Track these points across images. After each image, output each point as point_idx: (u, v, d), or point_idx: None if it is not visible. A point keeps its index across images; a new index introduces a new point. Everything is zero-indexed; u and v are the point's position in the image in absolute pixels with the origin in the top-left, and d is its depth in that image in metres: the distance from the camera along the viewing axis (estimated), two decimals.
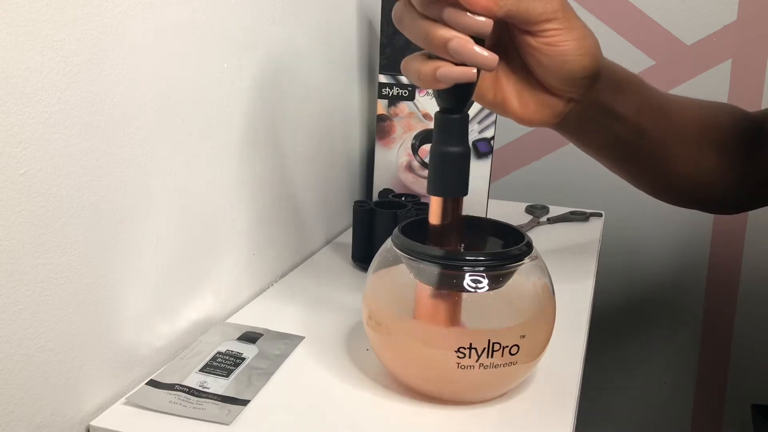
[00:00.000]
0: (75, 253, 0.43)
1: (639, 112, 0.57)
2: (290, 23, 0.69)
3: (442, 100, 0.46)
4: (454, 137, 0.46)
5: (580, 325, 0.62)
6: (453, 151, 0.46)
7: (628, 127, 0.57)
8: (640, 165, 0.63)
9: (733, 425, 1.21)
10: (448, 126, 0.46)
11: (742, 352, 1.18)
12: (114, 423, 0.46)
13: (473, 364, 0.46)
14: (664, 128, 0.60)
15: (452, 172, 0.47)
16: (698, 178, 0.63)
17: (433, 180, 0.47)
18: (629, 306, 1.21)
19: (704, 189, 0.64)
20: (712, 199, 0.67)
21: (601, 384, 1.23)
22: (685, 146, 0.61)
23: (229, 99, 0.59)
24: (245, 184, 0.64)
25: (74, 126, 0.42)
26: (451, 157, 0.46)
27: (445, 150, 0.46)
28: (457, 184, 0.47)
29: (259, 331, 0.58)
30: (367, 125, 0.96)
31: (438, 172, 0.47)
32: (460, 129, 0.46)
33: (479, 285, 0.47)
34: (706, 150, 0.62)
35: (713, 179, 0.63)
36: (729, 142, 0.63)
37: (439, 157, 0.47)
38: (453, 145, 0.46)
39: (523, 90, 0.52)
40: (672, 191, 0.66)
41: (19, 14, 0.37)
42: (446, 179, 0.47)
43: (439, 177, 0.47)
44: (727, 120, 0.64)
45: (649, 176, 0.64)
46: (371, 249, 0.72)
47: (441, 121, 0.46)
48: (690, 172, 0.63)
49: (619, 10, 1.10)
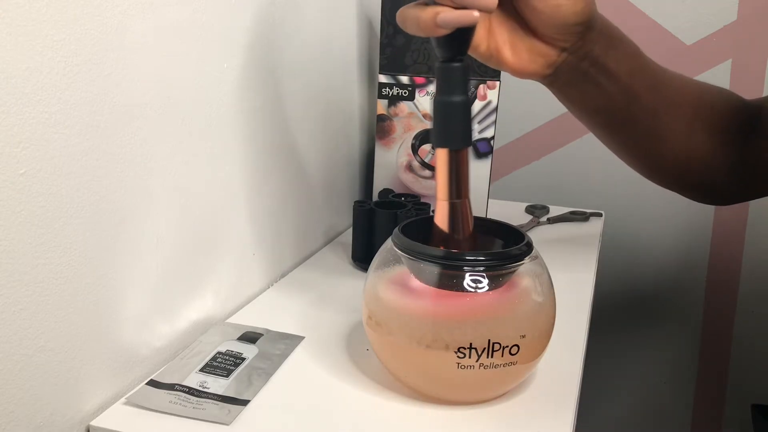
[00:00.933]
0: (75, 253, 0.43)
1: (632, 74, 0.57)
2: (290, 23, 0.69)
3: (441, 48, 0.46)
4: (457, 86, 0.46)
5: (580, 325, 0.62)
6: (456, 101, 0.46)
7: (620, 87, 0.57)
8: (631, 135, 0.62)
9: (733, 425, 1.21)
10: (450, 75, 0.46)
11: (742, 352, 1.18)
12: (114, 423, 0.46)
13: (473, 364, 0.46)
14: (656, 98, 0.60)
15: (456, 122, 0.47)
16: (690, 160, 0.63)
17: (437, 132, 0.47)
18: (629, 306, 1.21)
19: (696, 172, 0.64)
20: (705, 185, 0.66)
21: (601, 384, 1.23)
22: (678, 122, 0.61)
23: (229, 99, 0.59)
24: (245, 184, 0.64)
25: (74, 126, 0.42)
26: (454, 107, 0.46)
27: (448, 100, 0.46)
28: (461, 134, 0.47)
29: (259, 331, 0.58)
30: (367, 125, 0.96)
31: (442, 123, 0.47)
32: (461, 77, 0.46)
33: (479, 285, 0.47)
34: (699, 130, 0.62)
35: (705, 163, 0.63)
36: (723, 125, 0.63)
37: (443, 107, 0.47)
38: (456, 95, 0.46)
39: (516, 39, 0.53)
40: (664, 171, 0.66)
41: (19, 14, 0.37)
42: (450, 130, 0.47)
43: (443, 128, 0.47)
44: (723, 103, 0.64)
45: (641, 150, 0.64)
46: (371, 249, 0.72)
47: (442, 71, 0.46)
48: (682, 151, 0.62)
49: (619, 10, 1.10)
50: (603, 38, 0.54)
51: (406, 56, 0.85)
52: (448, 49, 0.46)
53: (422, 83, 0.85)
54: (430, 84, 0.85)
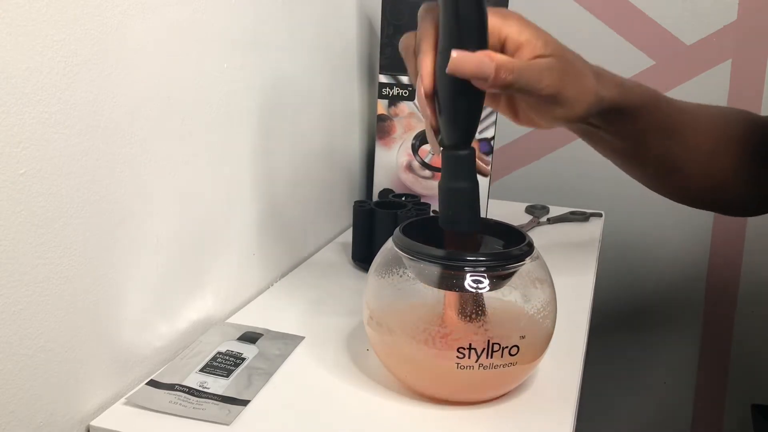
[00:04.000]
0: (75, 253, 0.43)
1: (645, 132, 0.57)
2: (290, 23, 0.69)
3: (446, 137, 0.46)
4: (463, 173, 0.46)
5: (580, 326, 0.62)
6: (462, 188, 0.46)
7: (628, 142, 0.58)
8: (645, 170, 0.63)
9: (733, 425, 1.21)
10: (456, 163, 0.46)
11: (742, 352, 1.18)
12: (114, 423, 0.46)
13: (473, 365, 0.46)
14: (671, 143, 0.60)
15: (462, 207, 0.47)
16: (709, 183, 0.63)
17: (444, 216, 0.47)
18: (629, 306, 1.21)
19: (716, 192, 0.65)
20: (726, 203, 0.67)
21: (601, 384, 1.23)
22: (695, 156, 0.62)
23: (229, 99, 0.59)
24: (245, 184, 0.64)
25: (74, 126, 0.42)
26: (461, 194, 0.46)
27: (455, 186, 0.46)
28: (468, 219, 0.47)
29: (259, 331, 0.58)
30: (367, 125, 0.96)
31: (448, 208, 0.47)
32: (468, 165, 0.46)
33: (480, 285, 0.47)
34: (717, 158, 0.62)
35: (725, 184, 0.64)
36: (742, 150, 0.63)
37: (449, 193, 0.47)
38: (462, 181, 0.46)
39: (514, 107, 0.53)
40: (683, 194, 0.67)
41: (19, 14, 0.37)
42: (457, 215, 0.47)
43: (450, 213, 0.47)
44: (740, 128, 0.64)
45: (658, 181, 0.65)
46: (371, 249, 0.72)
47: (448, 159, 0.46)
48: (699, 177, 0.63)
49: (619, 10, 1.10)
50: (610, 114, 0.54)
51: None
52: (455, 136, 0.46)
53: None
54: None
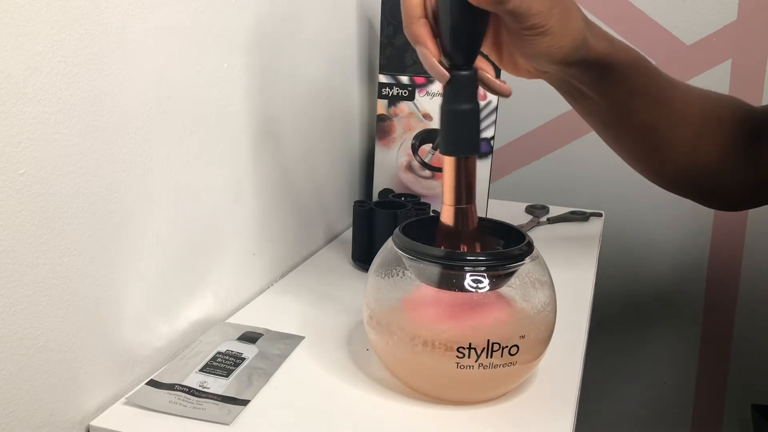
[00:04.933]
0: (75, 253, 0.43)
1: (632, 95, 0.57)
2: (290, 23, 0.69)
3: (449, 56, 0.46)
4: (465, 94, 0.46)
5: (580, 325, 0.62)
6: (464, 109, 0.46)
7: (612, 106, 0.57)
8: (629, 142, 0.62)
9: (733, 425, 1.21)
10: (458, 83, 0.46)
11: (742, 352, 1.18)
12: (114, 423, 0.46)
13: (472, 364, 0.46)
14: (656, 115, 0.59)
15: (464, 130, 0.47)
16: (694, 166, 0.63)
17: (444, 139, 0.47)
18: (629, 306, 1.21)
19: (700, 179, 0.64)
20: (709, 191, 0.66)
21: (601, 384, 1.23)
22: (680, 135, 0.61)
23: (229, 99, 0.59)
24: (245, 184, 0.64)
25: (74, 126, 0.42)
26: (463, 115, 0.46)
27: (457, 108, 0.46)
28: (469, 141, 0.47)
29: (259, 331, 0.58)
30: (367, 125, 0.96)
31: (450, 131, 0.47)
32: (470, 85, 0.46)
33: (480, 285, 0.47)
34: (704, 142, 0.62)
35: (710, 171, 0.63)
36: (730, 135, 0.62)
37: (451, 115, 0.47)
38: (464, 103, 0.46)
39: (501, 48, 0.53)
40: (663, 174, 0.65)
41: (19, 14, 0.37)
42: (458, 138, 0.47)
43: (451, 136, 0.47)
44: (730, 114, 0.63)
45: (641, 156, 0.64)
46: (371, 249, 0.72)
47: (450, 79, 0.46)
48: (686, 157, 0.62)
49: (619, 10, 1.10)
50: (590, 72, 0.54)
51: (406, 56, 0.84)
52: (456, 56, 0.46)
53: (422, 83, 0.85)
54: (430, 84, 0.85)
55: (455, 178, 0.48)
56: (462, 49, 0.46)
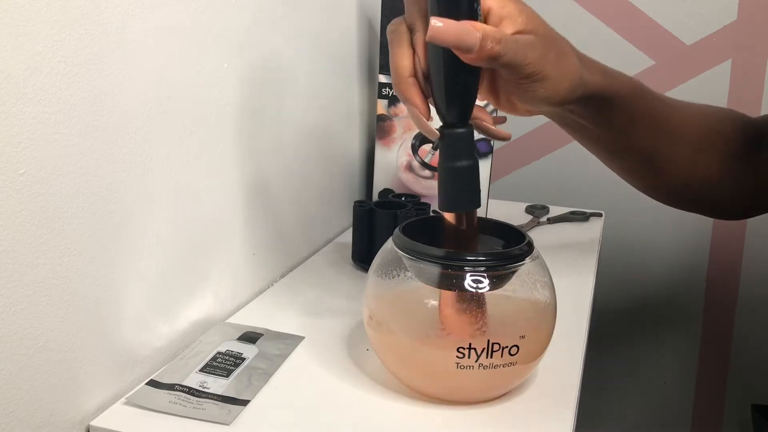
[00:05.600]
0: (75, 253, 0.43)
1: (630, 122, 0.57)
2: (290, 23, 0.69)
3: (444, 115, 0.46)
4: (463, 151, 0.46)
5: (580, 325, 0.62)
6: (462, 166, 0.46)
7: (611, 134, 0.58)
8: (627, 163, 0.63)
9: (733, 425, 1.21)
10: (455, 141, 0.46)
11: (742, 352, 1.18)
12: (114, 423, 0.46)
13: (472, 365, 0.46)
14: (655, 136, 0.59)
15: (462, 186, 0.46)
16: (694, 181, 0.63)
17: (444, 197, 0.47)
18: (629, 306, 1.21)
19: (701, 192, 0.64)
20: (711, 203, 0.66)
21: (601, 384, 1.23)
22: (679, 153, 0.61)
23: (229, 99, 0.59)
24: (245, 184, 0.64)
25: (74, 126, 0.42)
26: (461, 172, 0.46)
27: (454, 166, 0.46)
28: (468, 197, 0.47)
29: (259, 331, 0.58)
30: (367, 125, 0.96)
31: (449, 188, 0.47)
32: (467, 143, 0.46)
33: (480, 285, 0.47)
34: (704, 156, 0.62)
35: (711, 184, 0.63)
36: (728, 149, 0.63)
37: (449, 173, 0.46)
38: (462, 160, 0.46)
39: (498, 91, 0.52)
40: (666, 191, 0.66)
41: (19, 14, 0.37)
42: (457, 194, 0.47)
43: (449, 193, 0.47)
44: (728, 127, 0.64)
45: (640, 174, 0.64)
46: (371, 249, 0.72)
47: (447, 137, 0.46)
48: (685, 175, 0.62)
49: (619, 10, 1.10)
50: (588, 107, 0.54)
51: None
52: (450, 115, 0.46)
53: None
54: None
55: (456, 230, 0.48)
56: (456, 107, 0.45)
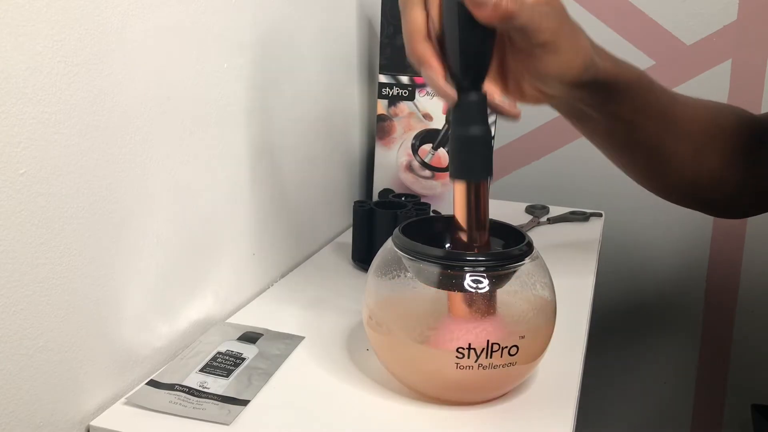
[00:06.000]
0: (75, 253, 0.43)
1: (634, 112, 0.57)
2: (290, 23, 0.69)
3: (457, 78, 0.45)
4: (476, 118, 0.45)
5: (580, 325, 0.62)
6: (475, 134, 0.45)
7: (618, 124, 0.57)
8: (633, 157, 0.62)
9: (733, 425, 1.21)
10: (468, 107, 0.45)
11: (742, 352, 1.18)
12: (114, 423, 0.46)
13: (472, 365, 0.46)
14: (661, 130, 0.59)
15: (474, 155, 0.45)
16: (698, 177, 0.63)
17: (455, 165, 0.46)
18: (629, 306, 1.21)
19: (704, 189, 0.64)
20: (713, 201, 0.66)
21: (601, 384, 1.23)
22: (685, 148, 0.61)
23: (229, 99, 0.59)
24: (245, 184, 0.64)
25: (74, 126, 0.42)
26: (473, 141, 0.45)
27: (467, 133, 0.45)
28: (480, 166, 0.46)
29: (259, 331, 0.58)
30: (367, 125, 0.96)
31: (460, 156, 0.46)
32: (479, 109, 0.45)
33: (480, 285, 0.47)
34: (708, 153, 0.62)
35: (714, 180, 0.63)
36: (732, 145, 0.63)
37: (461, 141, 0.45)
38: (475, 126, 0.45)
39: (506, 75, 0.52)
40: (669, 188, 0.66)
41: (19, 14, 0.37)
42: (469, 162, 0.46)
43: (461, 161, 0.46)
44: (733, 123, 0.64)
45: (645, 170, 0.64)
46: (371, 249, 0.72)
47: (459, 103, 0.45)
48: (689, 170, 0.62)
49: (619, 10, 1.10)
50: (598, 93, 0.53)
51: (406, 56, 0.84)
52: (464, 78, 0.45)
53: (422, 83, 0.85)
54: None
55: (466, 205, 0.47)
56: (470, 70, 0.45)
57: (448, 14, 0.44)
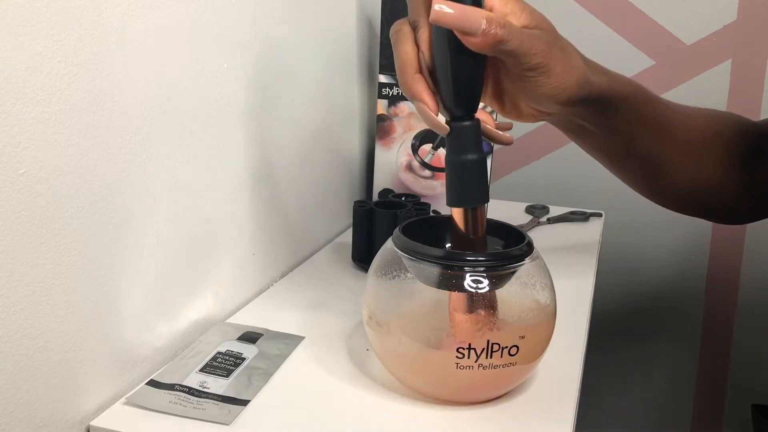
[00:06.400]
0: (75, 253, 0.43)
1: (630, 123, 0.57)
2: (290, 23, 0.69)
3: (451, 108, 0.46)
4: (470, 145, 0.46)
5: (580, 326, 0.62)
6: (470, 160, 0.46)
7: (615, 138, 0.58)
8: (631, 168, 0.63)
9: (733, 425, 1.21)
10: (462, 134, 0.46)
11: (742, 352, 1.18)
12: (114, 423, 0.46)
13: (472, 365, 0.46)
14: (659, 141, 0.59)
15: (470, 181, 0.46)
16: (697, 185, 0.63)
17: (451, 191, 0.47)
18: (629, 306, 1.21)
19: (703, 197, 0.64)
20: (712, 207, 0.66)
21: (601, 384, 1.23)
22: (683, 157, 0.61)
23: (229, 99, 0.59)
24: (245, 184, 0.64)
25: (74, 126, 0.42)
26: (468, 166, 0.46)
27: (461, 159, 0.46)
28: (477, 192, 0.46)
29: (259, 331, 0.58)
30: (367, 125, 0.96)
31: (456, 182, 0.46)
32: (474, 136, 0.46)
33: (480, 285, 0.47)
34: (706, 161, 0.62)
35: (713, 188, 0.63)
36: (731, 153, 0.63)
37: (456, 167, 0.46)
38: (469, 153, 0.45)
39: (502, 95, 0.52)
40: (668, 196, 0.66)
41: (19, 14, 0.37)
42: (465, 189, 0.46)
43: (457, 188, 0.46)
44: (730, 130, 0.64)
45: (644, 179, 0.64)
46: (371, 249, 0.72)
47: (453, 130, 0.46)
48: (688, 179, 0.62)
49: (619, 10, 1.10)
50: (594, 109, 0.53)
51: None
52: (457, 108, 0.45)
53: None
54: None
55: (464, 228, 0.48)
56: (463, 100, 0.45)
57: (438, 45, 0.44)
